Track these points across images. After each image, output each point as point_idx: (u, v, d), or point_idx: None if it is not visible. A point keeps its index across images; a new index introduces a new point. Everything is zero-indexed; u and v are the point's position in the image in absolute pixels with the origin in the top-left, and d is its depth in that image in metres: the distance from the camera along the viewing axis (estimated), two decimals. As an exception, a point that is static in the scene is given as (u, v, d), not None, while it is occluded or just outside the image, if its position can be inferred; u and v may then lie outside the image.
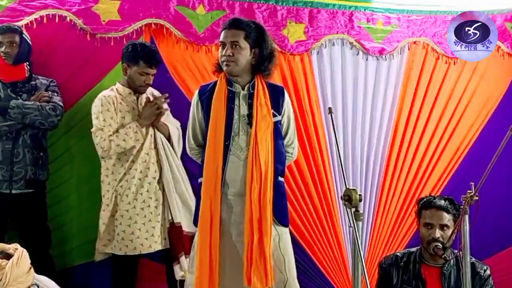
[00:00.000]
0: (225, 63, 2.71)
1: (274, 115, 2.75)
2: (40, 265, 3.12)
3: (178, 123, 3.42)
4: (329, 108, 2.75)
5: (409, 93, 3.99)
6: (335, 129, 2.71)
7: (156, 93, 3.42)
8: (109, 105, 3.18)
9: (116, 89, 3.29)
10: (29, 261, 2.04)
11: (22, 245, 2.98)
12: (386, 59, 3.97)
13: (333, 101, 3.86)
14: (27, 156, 3.17)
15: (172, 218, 3.24)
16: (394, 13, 3.98)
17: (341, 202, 2.63)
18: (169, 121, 3.38)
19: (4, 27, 3.20)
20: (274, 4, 3.77)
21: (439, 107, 4.04)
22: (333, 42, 3.90)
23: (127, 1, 3.50)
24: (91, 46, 3.45)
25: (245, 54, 2.72)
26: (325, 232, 3.82)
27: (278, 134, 2.77)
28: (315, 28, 3.83)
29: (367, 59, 3.95)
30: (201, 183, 2.74)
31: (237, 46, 2.69)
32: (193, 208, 3.02)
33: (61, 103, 3.26)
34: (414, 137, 3.99)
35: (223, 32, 2.76)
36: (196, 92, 2.87)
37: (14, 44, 3.18)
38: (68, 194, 3.49)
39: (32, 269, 2.05)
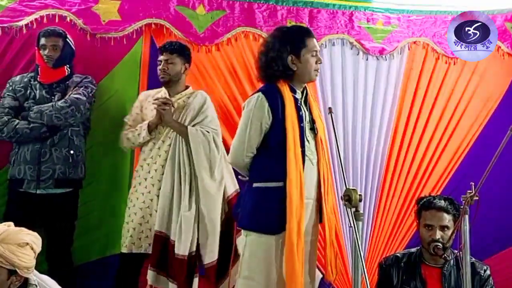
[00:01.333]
0: (316, 72, 2.75)
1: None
2: (59, 264, 3.18)
3: (213, 129, 3.28)
4: (329, 108, 2.77)
5: (409, 93, 3.99)
6: (335, 129, 2.73)
7: (202, 95, 3.37)
8: (137, 103, 3.39)
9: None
10: (29, 239, 2.06)
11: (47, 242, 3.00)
12: (386, 59, 3.97)
13: (333, 101, 3.86)
14: (54, 155, 3.18)
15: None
16: (394, 13, 3.98)
17: (341, 202, 2.62)
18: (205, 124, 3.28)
19: (49, 31, 3.24)
20: (274, 4, 3.76)
21: (439, 107, 4.03)
22: (333, 42, 3.90)
23: (127, 1, 3.50)
24: (91, 46, 3.45)
25: None
26: (325, 232, 3.81)
27: None
28: (315, 28, 3.83)
29: (367, 59, 3.95)
30: (266, 187, 2.66)
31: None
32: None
33: (76, 95, 3.20)
34: (414, 137, 3.99)
35: (313, 41, 2.73)
36: (263, 97, 2.66)
37: (57, 48, 3.22)
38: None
39: (30, 255, 2.05)
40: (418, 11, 4.02)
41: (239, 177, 2.85)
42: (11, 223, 2.10)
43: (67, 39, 3.27)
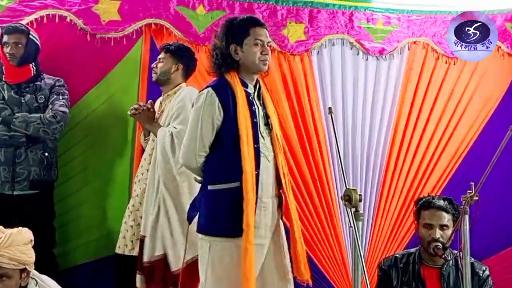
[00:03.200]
0: (263, 62, 2.60)
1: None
2: (43, 264, 3.17)
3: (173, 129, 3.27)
4: (329, 108, 2.73)
5: (409, 93, 3.99)
6: (335, 129, 2.71)
7: (185, 93, 3.33)
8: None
9: None
10: (30, 235, 2.13)
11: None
12: (386, 59, 3.97)
13: (333, 101, 3.86)
14: (29, 157, 3.16)
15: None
16: (394, 13, 3.99)
17: (341, 202, 2.62)
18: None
19: (10, 28, 3.17)
20: (274, 4, 3.77)
21: (439, 107, 4.03)
22: (333, 42, 3.91)
23: (127, 1, 3.50)
24: (91, 46, 3.45)
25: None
26: (325, 232, 3.82)
27: None
28: (315, 28, 3.83)
29: (367, 59, 3.95)
30: (219, 190, 2.56)
31: (270, 46, 2.66)
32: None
33: (62, 108, 3.20)
34: (414, 137, 3.99)
35: (256, 30, 2.60)
36: (213, 93, 2.56)
37: (20, 45, 3.16)
38: (72, 193, 3.50)
39: (33, 250, 2.12)
40: (418, 11, 4.02)
41: (193, 179, 2.72)
42: (1, 227, 2.12)
43: (31, 35, 3.19)
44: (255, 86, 2.68)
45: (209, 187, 2.57)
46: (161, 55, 3.31)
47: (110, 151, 3.55)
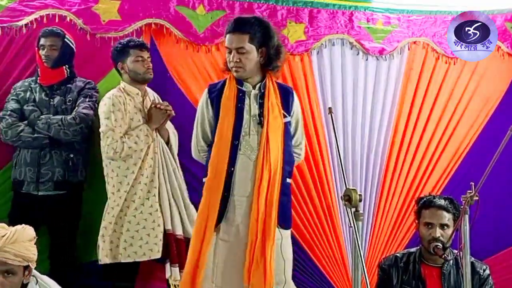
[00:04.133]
0: (234, 69, 2.68)
1: (285, 116, 2.75)
2: (62, 261, 3.19)
3: (173, 128, 3.41)
4: (329, 108, 2.74)
5: (409, 93, 3.99)
6: (335, 129, 2.70)
7: (157, 96, 3.41)
8: (120, 105, 3.16)
9: (123, 88, 3.27)
10: (33, 232, 2.13)
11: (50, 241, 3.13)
12: (386, 59, 3.97)
13: (333, 101, 3.86)
14: (54, 158, 3.20)
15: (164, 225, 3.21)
16: (394, 13, 3.98)
17: (341, 202, 2.62)
18: (168, 125, 3.36)
19: (47, 31, 3.24)
20: (274, 4, 3.76)
21: (439, 107, 4.03)
22: (333, 42, 3.90)
23: (127, 1, 3.50)
24: (91, 46, 3.45)
25: (252, 57, 2.69)
26: (325, 232, 3.82)
27: (288, 135, 2.76)
28: (315, 28, 3.83)
29: (367, 59, 3.95)
30: (204, 182, 2.71)
31: (244, 52, 2.66)
32: (187, 213, 3.19)
33: (85, 110, 3.23)
34: (414, 137, 3.99)
35: (227, 36, 2.71)
36: (206, 91, 2.81)
37: (55, 48, 3.22)
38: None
39: (35, 247, 2.10)
40: (418, 11, 4.02)
41: None
42: (4, 224, 2.12)
43: (66, 39, 3.27)
44: (255, 86, 2.69)
45: (203, 180, 2.74)
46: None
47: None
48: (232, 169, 2.60)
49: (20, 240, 2.02)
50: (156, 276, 3.44)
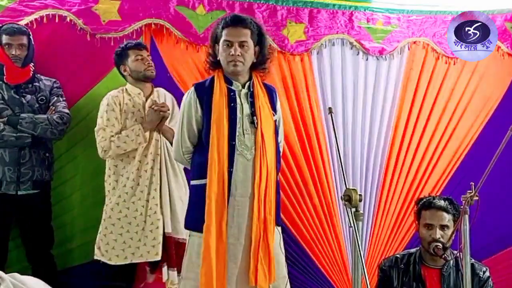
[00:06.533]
0: (233, 62, 2.62)
1: (273, 114, 2.74)
2: (41, 265, 3.17)
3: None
4: (329, 108, 2.74)
5: (409, 93, 3.99)
6: (335, 129, 2.70)
7: (170, 96, 3.40)
8: (114, 105, 3.18)
9: (126, 89, 3.29)
10: None
11: (24, 244, 3.01)
12: (386, 59, 3.97)
13: (333, 101, 3.86)
14: (33, 157, 3.18)
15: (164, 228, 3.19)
16: (394, 13, 3.98)
17: (341, 202, 2.61)
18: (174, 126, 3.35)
19: (14, 29, 3.17)
20: (274, 4, 3.76)
21: (439, 107, 4.03)
22: (333, 42, 3.90)
23: (127, 1, 3.50)
24: (91, 46, 3.45)
25: (251, 53, 2.66)
26: (325, 232, 3.82)
27: (276, 132, 2.75)
28: (315, 28, 3.83)
29: (367, 59, 3.95)
30: (197, 185, 2.64)
31: (245, 46, 2.62)
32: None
33: (66, 110, 3.27)
34: (414, 137, 3.99)
35: (227, 30, 2.63)
36: (192, 90, 2.70)
37: (23, 47, 3.18)
38: (70, 194, 3.50)
39: None
40: (418, 11, 4.02)
41: None
42: None
43: (30, 37, 3.22)
44: (244, 84, 2.68)
45: (191, 182, 2.70)
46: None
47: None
48: (231, 169, 2.59)
49: None
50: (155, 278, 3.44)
